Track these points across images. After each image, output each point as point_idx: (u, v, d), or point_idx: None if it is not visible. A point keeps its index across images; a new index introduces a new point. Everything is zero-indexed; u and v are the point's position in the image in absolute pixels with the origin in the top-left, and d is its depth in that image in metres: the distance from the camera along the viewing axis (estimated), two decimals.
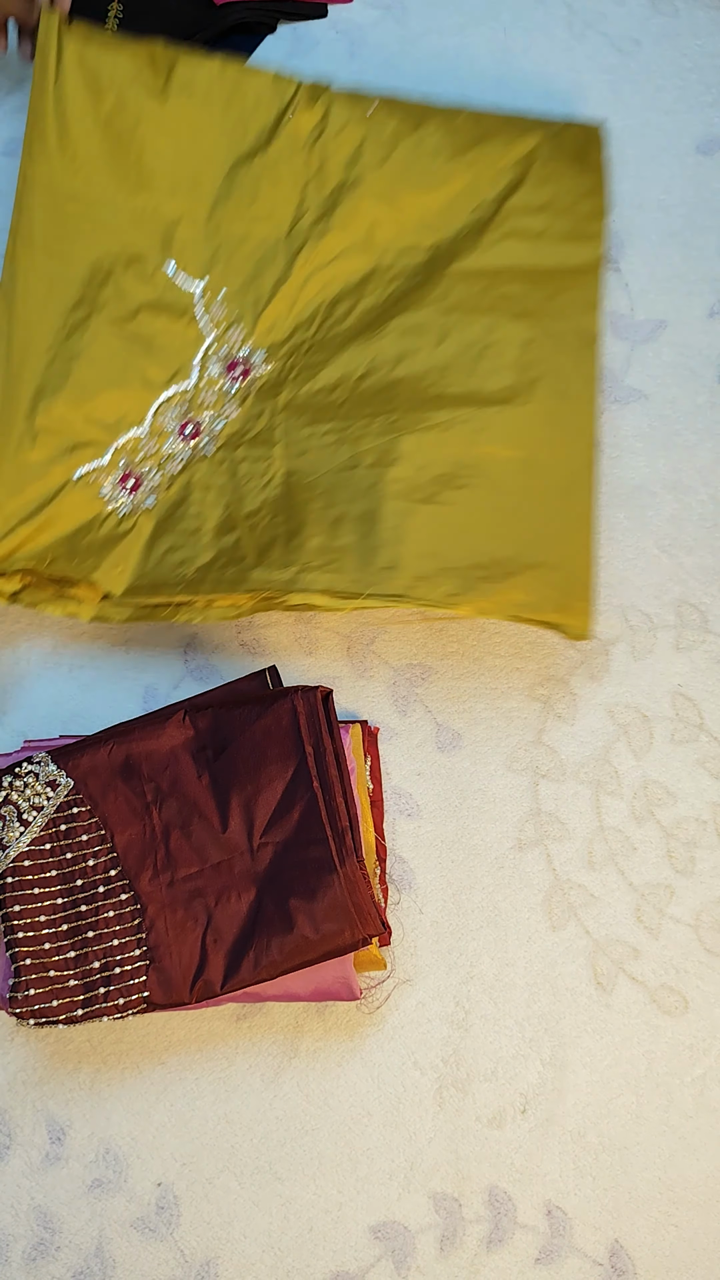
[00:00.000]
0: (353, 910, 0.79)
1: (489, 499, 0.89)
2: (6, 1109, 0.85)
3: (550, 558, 0.88)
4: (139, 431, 0.90)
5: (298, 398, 0.91)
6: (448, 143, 0.94)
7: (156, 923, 0.80)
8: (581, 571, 0.88)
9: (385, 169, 0.93)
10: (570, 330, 0.92)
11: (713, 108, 1.04)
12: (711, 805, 0.91)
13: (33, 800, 0.82)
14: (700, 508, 0.96)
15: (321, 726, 0.82)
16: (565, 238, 0.94)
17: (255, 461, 0.90)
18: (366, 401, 0.91)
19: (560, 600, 0.88)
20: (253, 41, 1.06)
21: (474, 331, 0.92)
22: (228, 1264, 0.83)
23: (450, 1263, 0.83)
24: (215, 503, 0.90)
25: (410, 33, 1.05)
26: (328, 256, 0.92)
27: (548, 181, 0.94)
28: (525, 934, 0.88)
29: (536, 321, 0.92)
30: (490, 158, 0.94)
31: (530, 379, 0.91)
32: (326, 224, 0.93)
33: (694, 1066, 0.86)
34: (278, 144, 0.93)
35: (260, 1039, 0.86)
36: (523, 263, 0.93)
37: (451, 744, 0.92)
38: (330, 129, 0.93)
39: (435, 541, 0.88)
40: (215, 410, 0.91)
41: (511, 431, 0.90)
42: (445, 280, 0.92)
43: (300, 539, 0.88)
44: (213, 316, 0.91)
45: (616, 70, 1.04)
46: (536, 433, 0.90)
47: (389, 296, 0.93)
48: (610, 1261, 0.83)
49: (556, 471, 0.90)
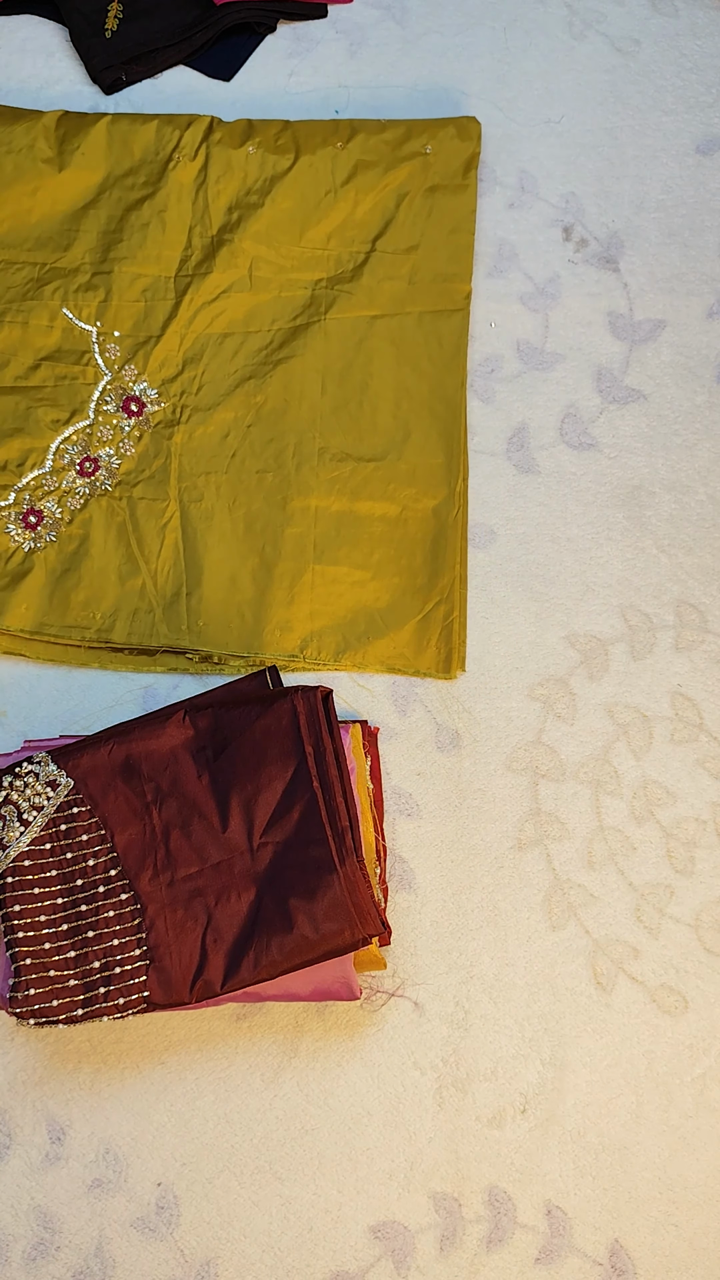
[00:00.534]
0: (353, 910, 0.79)
1: (367, 555, 0.94)
2: (6, 1109, 0.85)
3: (423, 609, 0.93)
4: (42, 470, 0.94)
5: (192, 440, 0.95)
6: (324, 178, 0.99)
7: (156, 922, 0.80)
8: (453, 621, 0.93)
9: (263, 210, 0.98)
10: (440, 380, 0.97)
11: (713, 108, 1.04)
12: (711, 805, 0.91)
13: (33, 800, 0.82)
14: (699, 508, 0.96)
15: (321, 726, 0.82)
16: (435, 279, 0.98)
17: (153, 501, 0.94)
18: (256, 453, 0.95)
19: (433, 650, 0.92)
20: (253, 41, 1.06)
21: (352, 384, 0.96)
22: (228, 1264, 0.83)
23: (450, 1262, 0.83)
24: (117, 542, 0.93)
25: (410, 33, 1.06)
26: (212, 294, 0.97)
27: (419, 217, 0.99)
28: (525, 934, 0.88)
29: (409, 371, 0.97)
30: (364, 190, 0.99)
31: (404, 433, 0.96)
32: (210, 264, 0.97)
33: (694, 1066, 0.86)
34: (164, 191, 0.98)
35: (260, 1039, 0.86)
36: (396, 309, 0.98)
37: (451, 744, 0.92)
38: (211, 175, 0.99)
39: (323, 601, 0.92)
40: (113, 447, 0.95)
41: (387, 487, 0.95)
42: (325, 327, 0.97)
43: (200, 593, 0.92)
44: (108, 356, 0.96)
45: (616, 70, 1.04)
46: (410, 487, 0.95)
47: (274, 337, 0.97)
48: (610, 1261, 0.83)
49: (427, 524, 0.94)
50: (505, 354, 0.99)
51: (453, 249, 0.98)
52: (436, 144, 0.99)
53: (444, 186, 0.99)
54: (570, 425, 0.98)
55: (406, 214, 0.99)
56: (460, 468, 0.95)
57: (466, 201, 0.99)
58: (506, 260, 1.01)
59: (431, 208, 0.99)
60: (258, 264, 0.97)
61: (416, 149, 0.99)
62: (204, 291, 0.97)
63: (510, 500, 0.96)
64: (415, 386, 0.96)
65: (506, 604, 0.94)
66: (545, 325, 1.00)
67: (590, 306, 1.00)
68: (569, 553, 0.95)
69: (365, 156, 0.99)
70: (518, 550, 0.95)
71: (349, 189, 0.99)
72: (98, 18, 1.05)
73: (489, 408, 0.98)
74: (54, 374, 0.95)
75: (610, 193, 1.02)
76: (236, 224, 0.98)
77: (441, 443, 0.95)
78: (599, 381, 0.99)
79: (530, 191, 1.02)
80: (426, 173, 0.99)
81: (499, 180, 1.02)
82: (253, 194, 0.98)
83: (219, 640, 0.91)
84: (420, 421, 0.96)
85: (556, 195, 1.02)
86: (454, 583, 0.93)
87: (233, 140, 0.99)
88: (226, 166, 0.98)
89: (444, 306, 0.98)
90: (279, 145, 0.99)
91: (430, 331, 0.97)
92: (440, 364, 0.97)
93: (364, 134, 0.99)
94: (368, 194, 0.99)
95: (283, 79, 1.05)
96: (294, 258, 0.98)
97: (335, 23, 1.06)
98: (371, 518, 0.94)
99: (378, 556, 0.93)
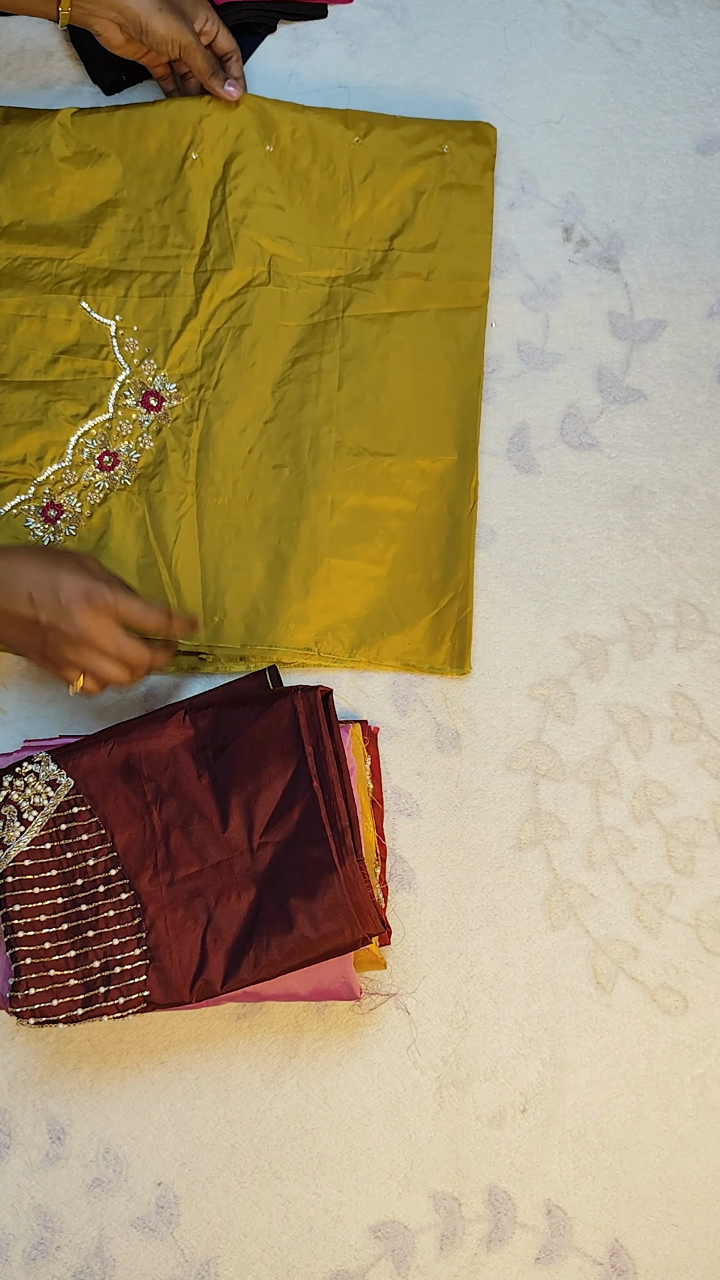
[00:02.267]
0: (353, 910, 0.79)
1: (384, 550, 0.94)
2: (6, 1109, 0.85)
3: (438, 605, 0.93)
4: (62, 464, 0.93)
5: (210, 435, 0.95)
6: (342, 175, 0.98)
7: (156, 922, 0.80)
8: (466, 616, 0.93)
9: (281, 207, 0.98)
10: (456, 377, 0.97)
11: (713, 108, 1.04)
12: (711, 805, 0.91)
13: (33, 800, 0.82)
14: (700, 508, 0.96)
15: (321, 726, 0.82)
16: (453, 276, 0.98)
17: (171, 494, 0.94)
18: (273, 449, 0.95)
19: (447, 646, 0.92)
20: (253, 42, 1.06)
21: (369, 379, 0.96)
22: (228, 1264, 0.83)
23: (450, 1262, 0.83)
24: (136, 535, 0.93)
25: (410, 33, 1.05)
26: (231, 290, 0.97)
27: (436, 215, 0.99)
28: (525, 934, 0.88)
29: (426, 368, 0.97)
30: (381, 188, 0.99)
31: (421, 429, 0.96)
32: (229, 259, 0.97)
33: (694, 1066, 0.86)
34: (181, 190, 0.98)
35: (260, 1039, 0.86)
36: (414, 306, 0.97)
37: (451, 744, 0.92)
38: (230, 172, 0.98)
39: (338, 595, 0.93)
40: (131, 441, 0.94)
41: (404, 482, 0.95)
42: (344, 325, 0.97)
43: (216, 588, 0.92)
44: (126, 351, 0.96)
45: (616, 70, 1.04)
46: (425, 483, 0.95)
47: (292, 333, 0.97)
48: (610, 1261, 0.83)
49: (442, 520, 0.94)
50: (505, 354, 0.99)
51: (470, 248, 0.98)
52: (454, 145, 0.99)
53: (461, 186, 0.99)
54: (570, 425, 0.98)
55: (424, 212, 0.99)
56: (474, 464, 0.95)
57: (484, 201, 0.99)
58: (507, 260, 1.01)
59: (449, 206, 0.99)
60: (277, 261, 0.97)
61: (434, 148, 0.99)
62: (224, 288, 0.97)
63: (510, 500, 0.96)
64: (432, 383, 0.96)
65: (506, 604, 0.94)
66: (545, 325, 1.00)
67: (590, 306, 1.00)
68: (569, 553, 0.95)
69: (383, 153, 0.99)
70: (518, 550, 0.95)
71: (366, 186, 0.98)
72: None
73: (489, 408, 0.98)
74: (73, 368, 0.95)
75: (610, 193, 1.02)
76: (255, 221, 0.98)
77: (457, 439, 0.95)
78: (599, 381, 0.99)
79: (530, 191, 1.02)
80: (443, 172, 0.99)
81: (499, 180, 1.02)
82: (271, 191, 0.98)
83: (234, 635, 0.91)
84: (436, 417, 0.96)
85: (556, 195, 1.02)
86: (467, 578, 0.93)
87: (249, 136, 0.98)
88: (244, 164, 0.98)
89: (461, 304, 0.98)
90: (296, 139, 0.99)
91: (448, 329, 0.97)
92: (457, 361, 0.97)
93: (381, 129, 0.99)
94: (386, 192, 0.99)
95: (283, 79, 1.05)
96: (312, 255, 0.98)
97: (335, 23, 1.06)
98: (387, 512, 0.94)
99: (393, 551, 0.94)
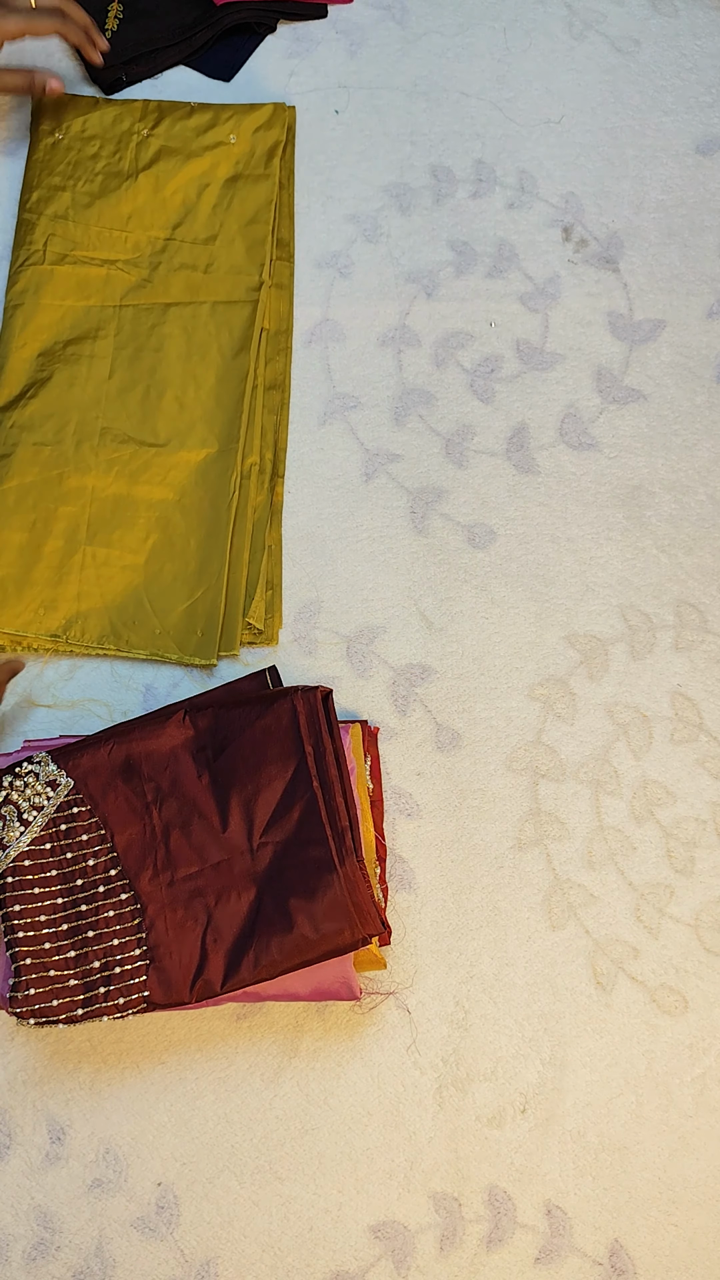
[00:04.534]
0: (353, 910, 0.79)
1: (143, 539, 0.93)
2: (6, 1109, 0.85)
3: (191, 596, 0.92)
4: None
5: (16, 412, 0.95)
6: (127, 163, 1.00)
7: (156, 922, 0.80)
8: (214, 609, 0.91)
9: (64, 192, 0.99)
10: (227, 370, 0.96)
11: (712, 108, 1.04)
12: (711, 805, 0.91)
13: (33, 800, 0.82)
14: (699, 508, 0.96)
15: (321, 726, 0.82)
16: (229, 270, 0.98)
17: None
18: (34, 426, 0.94)
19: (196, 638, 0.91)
20: (253, 42, 1.06)
21: (140, 368, 0.96)
22: (228, 1264, 0.83)
23: (450, 1262, 0.83)
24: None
25: (410, 33, 1.06)
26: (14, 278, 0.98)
27: (218, 208, 0.99)
28: (525, 934, 0.88)
29: (199, 360, 0.97)
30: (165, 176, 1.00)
31: (189, 422, 0.95)
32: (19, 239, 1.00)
33: (694, 1066, 0.86)
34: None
35: (260, 1039, 0.86)
36: (191, 298, 0.98)
37: (451, 744, 0.92)
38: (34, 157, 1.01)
39: (92, 582, 0.92)
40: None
41: (167, 474, 0.94)
42: (120, 313, 0.97)
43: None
44: None
45: (616, 70, 1.04)
46: (188, 475, 0.94)
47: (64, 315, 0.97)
48: (610, 1261, 0.83)
49: (203, 513, 0.94)
50: (505, 354, 0.99)
51: (248, 241, 0.99)
52: (241, 133, 1.00)
53: (246, 176, 1.00)
54: (570, 425, 0.98)
55: (206, 204, 1.00)
56: (235, 457, 0.94)
57: (266, 191, 1.00)
58: (506, 260, 1.01)
59: (231, 199, 1.00)
60: (53, 241, 0.98)
61: (220, 138, 1.00)
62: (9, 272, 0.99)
63: (510, 500, 0.96)
64: (203, 376, 0.96)
65: (506, 604, 0.94)
66: (545, 325, 1.00)
67: (590, 306, 1.00)
68: (569, 553, 0.95)
69: (170, 143, 1.00)
70: (518, 550, 0.95)
71: (150, 174, 1.00)
72: (98, 18, 1.05)
73: (489, 408, 0.98)
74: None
75: (610, 193, 1.02)
76: (37, 204, 0.99)
77: (221, 431, 0.95)
78: (599, 381, 0.99)
79: (530, 191, 1.02)
80: (228, 162, 1.00)
81: (499, 180, 1.02)
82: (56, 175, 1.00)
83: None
84: (205, 411, 0.96)
85: (556, 195, 1.02)
86: (222, 570, 0.92)
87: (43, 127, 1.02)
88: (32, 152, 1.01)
89: (235, 298, 0.98)
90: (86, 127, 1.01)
91: (222, 322, 0.97)
92: (229, 354, 0.97)
93: (170, 119, 1.01)
94: (169, 180, 1.00)
95: (283, 79, 1.05)
96: (90, 239, 0.99)
97: (335, 23, 1.06)
98: (149, 502, 0.94)
99: (152, 541, 0.93)
